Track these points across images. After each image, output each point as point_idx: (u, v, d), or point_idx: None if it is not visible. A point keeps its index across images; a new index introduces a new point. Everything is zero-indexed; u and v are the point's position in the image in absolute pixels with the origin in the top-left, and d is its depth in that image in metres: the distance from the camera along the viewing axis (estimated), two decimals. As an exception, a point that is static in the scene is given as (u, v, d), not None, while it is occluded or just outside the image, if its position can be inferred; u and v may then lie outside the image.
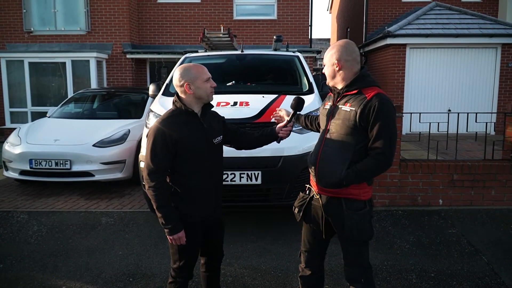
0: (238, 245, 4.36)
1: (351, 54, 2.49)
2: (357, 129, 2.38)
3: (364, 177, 2.42)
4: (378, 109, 2.32)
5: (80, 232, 4.78)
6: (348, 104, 2.43)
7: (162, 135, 2.48)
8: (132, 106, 8.16)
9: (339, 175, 2.40)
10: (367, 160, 2.39)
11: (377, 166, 2.39)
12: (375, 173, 2.44)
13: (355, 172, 2.38)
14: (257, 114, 4.43)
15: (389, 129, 2.35)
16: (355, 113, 2.37)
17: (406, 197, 5.49)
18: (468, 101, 12.05)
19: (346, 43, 2.52)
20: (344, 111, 2.43)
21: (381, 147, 2.33)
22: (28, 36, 12.82)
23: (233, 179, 4.26)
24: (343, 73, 2.50)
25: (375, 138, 2.34)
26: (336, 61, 2.48)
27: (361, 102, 2.37)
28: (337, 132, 2.46)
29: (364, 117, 2.34)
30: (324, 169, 2.48)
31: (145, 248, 4.32)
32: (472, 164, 5.42)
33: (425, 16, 12.54)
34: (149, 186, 2.48)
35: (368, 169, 2.39)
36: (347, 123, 2.40)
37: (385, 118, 2.33)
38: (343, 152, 2.43)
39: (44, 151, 6.14)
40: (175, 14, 13.28)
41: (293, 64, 6.05)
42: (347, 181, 2.39)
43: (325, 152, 2.50)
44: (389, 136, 2.34)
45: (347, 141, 2.42)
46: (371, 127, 2.34)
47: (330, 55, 2.51)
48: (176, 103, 2.61)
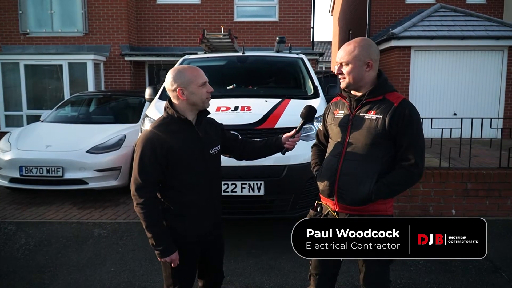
0: (239, 260, 4.06)
1: (378, 54, 2.22)
2: (385, 139, 2.12)
3: (396, 190, 2.17)
4: (410, 116, 2.09)
5: (70, 246, 4.48)
6: (372, 112, 2.15)
7: (151, 146, 2.19)
8: (129, 110, 7.88)
9: (367, 189, 2.13)
10: (398, 172, 2.14)
11: (410, 178, 2.15)
12: (408, 186, 2.21)
13: (386, 185, 2.12)
14: (260, 119, 4.13)
15: (420, 138, 2.13)
16: (383, 121, 2.10)
17: (417, 207, 5.19)
18: (474, 104, 11.75)
19: (370, 41, 2.23)
20: (369, 120, 2.15)
21: (414, 158, 2.10)
22: (24, 38, 12.52)
23: (233, 189, 3.97)
24: (371, 75, 2.21)
25: (407, 148, 2.10)
26: (369, 60, 2.18)
27: (388, 109, 2.11)
28: (360, 143, 2.18)
29: (394, 126, 2.09)
30: (349, 184, 2.20)
31: (139, 264, 4.03)
32: (486, 173, 5.12)
33: (430, 18, 12.26)
34: (137, 203, 2.20)
35: (400, 181, 2.15)
36: (374, 132, 2.13)
37: (416, 126, 2.11)
38: (370, 164, 2.16)
39: (35, 157, 5.84)
40: (174, 16, 13.00)
41: (297, 66, 5.77)
42: (377, 196, 2.13)
43: (348, 166, 2.21)
44: (420, 146, 2.13)
45: (374, 153, 2.15)
46: (402, 136, 2.10)
47: (359, 52, 2.18)
48: (168, 109, 2.32)
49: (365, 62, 2.17)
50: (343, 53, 2.22)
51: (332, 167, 2.28)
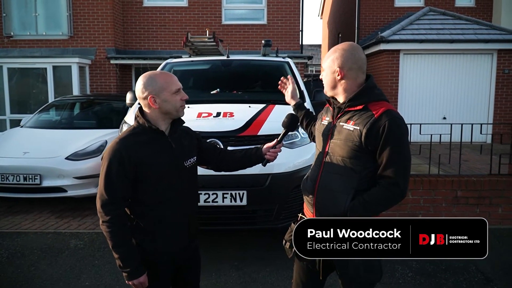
0: (220, 273, 3.88)
1: (357, 61, 2.04)
2: (363, 152, 1.95)
3: (372, 210, 2.00)
4: (389, 130, 1.89)
5: (45, 258, 4.27)
6: (351, 122, 1.99)
7: (119, 159, 2.00)
8: (113, 114, 7.63)
9: (342, 206, 1.99)
10: (377, 190, 1.97)
11: (389, 198, 1.99)
12: (386, 206, 2.03)
13: (362, 204, 1.97)
14: (242, 126, 3.95)
15: (402, 154, 1.93)
16: (359, 133, 1.93)
17: (406, 215, 5.02)
18: (463, 108, 11.70)
19: (351, 47, 2.07)
20: (347, 130, 1.99)
21: (393, 177, 1.92)
22: (8, 41, 12.25)
23: (215, 199, 3.78)
24: (346, 83, 2.05)
25: (386, 165, 1.92)
26: (338, 68, 2.04)
27: (367, 120, 1.94)
28: (338, 155, 2.02)
29: (372, 139, 1.91)
30: (324, 199, 2.06)
31: (115, 278, 3.83)
32: (477, 180, 4.98)
33: (419, 21, 12.22)
34: (103, 221, 2.01)
35: (378, 201, 1.98)
36: (351, 144, 1.97)
37: (397, 141, 1.92)
38: (346, 179, 2.00)
39: (11, 164, 5.62)
40: (161, 19, 12.81)
41: (283, 70, 5.60)
42: (352, 214, 1.97)
43: (325, 179, 2.07)
44: (402, 162, 1.94)
45: (351, 166, 1.99)
46: (380, 151, 1.92)
47: (332, 60, 2.07)
48: (139, 118, 2.14)
49: (334, 70, 2.06)
50: (324, 59, 2.15)
51: (313, 177, 2.16)
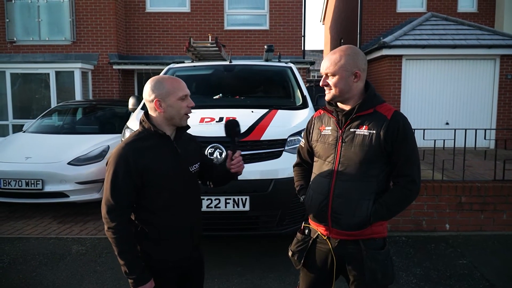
0: (223, 279, 3.85)
1: (366, 62, 2.04)
2: (380, 156, 1.95)
3: (395, 211, 2.00)
4: (404, 130, 1.93)
5: (46, 264, 4.24)
6: (363, 127, 1.97)
7: (125, 164, 1.98)
8: (115, 119, 7.64)
9: (365, 212, 1.95)
10: (395, 190, 1.97)
11: (409, 196, 1.98)
12: (406, 205, 2.03)
13: (384, 206, 1.95)
14: (245, 131, 3.91)
15: (415, 153, 1.97)
16: (377, 136, 1.92)
17: (410, 221, 5.01)
18: (466, 113, 11.65)
19: (355, 48, 2.03)
20: (362, 136, 1.96)
21: (411, 174, 1.94)
22: (11, 46, 12.28)
23: (217, 205, 3.76)
24: (359, 86, 2.02)
25: (404, 164, 1.94)
26: (357, 70, 1.98)
27: (381, 123, 1.94)
28: (353, 162, 1.98)
29: (389, 141, 1.92)
30: (345, 208, 1.99)
31: (117, 284, 3.80)
32: (481, 185, 4.95)
33: (421, 26, 12.19)
34: (108, 227, 1.98)
35: (399, 201, 1.98)
36: (367, 149, 1.94)
37: (411, 140, 1.96)
38: (366, 184, 1.97)
39: (13, 169, 5.61)
40: (164, 24, 12.82)
41: (286, 75, 5.60)
42: (375, 219, 1.95)
43: (342, 188, 2.00)
44: (417, 161, 1.97)
45: (369, 171, 1.96)
46: (397, 151, 1.93)
47: (346, 61, 1.98)
48: (144, 123, 2.12)
49: (352, 72, 1.98)
50: (328, 63, 2.01)
51: (323, 189, 2.05)
